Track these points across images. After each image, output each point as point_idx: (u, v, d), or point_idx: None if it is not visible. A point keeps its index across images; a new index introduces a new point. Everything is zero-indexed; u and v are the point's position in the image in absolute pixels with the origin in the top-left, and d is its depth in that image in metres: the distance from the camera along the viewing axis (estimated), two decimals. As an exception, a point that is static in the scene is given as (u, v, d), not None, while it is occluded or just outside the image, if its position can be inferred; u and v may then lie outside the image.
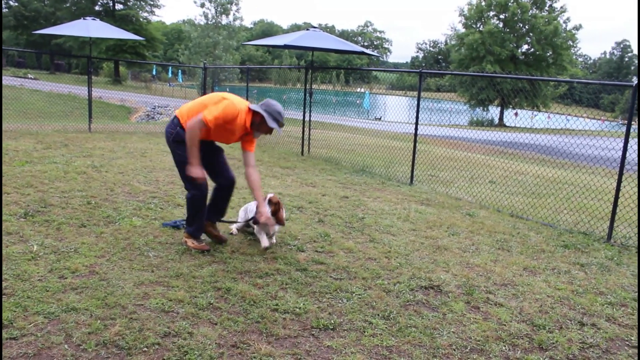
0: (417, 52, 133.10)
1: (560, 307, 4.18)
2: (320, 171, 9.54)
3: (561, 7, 48.61)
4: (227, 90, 10.58)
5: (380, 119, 39.31)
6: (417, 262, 4.93)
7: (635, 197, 7.28)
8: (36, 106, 19.33)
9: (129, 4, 57.80)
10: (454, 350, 3.37)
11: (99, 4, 57.37)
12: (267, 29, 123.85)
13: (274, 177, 8.61)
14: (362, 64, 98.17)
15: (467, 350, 3.38)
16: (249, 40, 68.85)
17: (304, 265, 4.64)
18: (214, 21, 47.57)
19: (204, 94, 15.02)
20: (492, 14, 49.23)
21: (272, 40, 13.79)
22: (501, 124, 44.15)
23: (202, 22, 47.83)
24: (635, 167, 7.27)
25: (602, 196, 8.15)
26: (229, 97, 4.57)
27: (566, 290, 4.55)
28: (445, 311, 3.94)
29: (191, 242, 4.82)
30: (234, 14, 48.45)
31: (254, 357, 3.11)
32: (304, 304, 3.85)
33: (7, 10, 59.82)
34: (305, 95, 11.85)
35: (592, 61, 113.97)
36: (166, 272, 4.25)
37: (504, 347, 3.45)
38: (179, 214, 5.84)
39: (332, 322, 3.62)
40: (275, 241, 5.13)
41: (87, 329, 3.22)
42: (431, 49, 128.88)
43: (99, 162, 8.52)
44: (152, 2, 58.89)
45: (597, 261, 5.42)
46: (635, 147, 6.20)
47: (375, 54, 15.71)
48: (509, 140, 22.05)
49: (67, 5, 58.22)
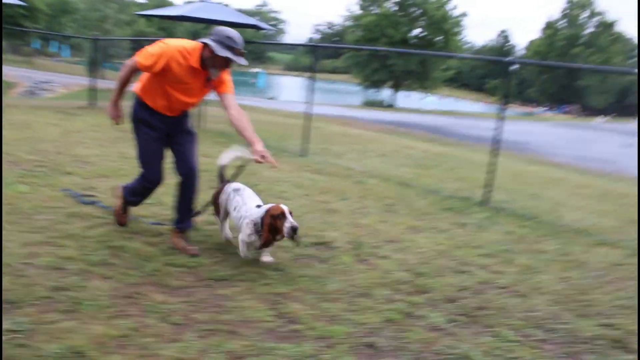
0: (314, 33, 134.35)
1: (440, 259, 4.62)
2: (214, 143, 9.50)
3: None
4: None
5: (273, 98, 39.41)
6: (309, 223, 5.16)
7: (507, 168, 8.09)
8: None
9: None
10: (342, 295, 3.63)
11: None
12: (161, 4, 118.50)
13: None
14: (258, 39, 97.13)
15: (354, 294, 3.66)
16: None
17: (198, 226, 4.68)
18: (103, -7, 44.82)
19: (93, 71, 14.21)
20: (387, -4, 50.98)
21: (166, 10, 13.48)
22: (393, 106, 46.10)
23: (90, -7, 44.87)
24: (504, 145, 8.13)
25: (480, 168, 8.93)
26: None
27: (446, 245, 5.02)
28: (334, 263, 4.21)
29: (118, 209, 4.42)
30: (126, -13, 45.94)
31: (149, 306, 3.16)
32: (198, 259, 3.94)
33: None
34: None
35: (476, 48, 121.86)
36: (56, 234, 4.11)
37: (388, 292, 3.77)
38: (68, 182, 5.64)
39: (225, 274, 3.75)
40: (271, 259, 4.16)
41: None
42: (328, 29, 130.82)
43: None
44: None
45: (474, 221, 6.00)
46: (510, 127, 7.08)
47: (269, 27, 15.82)
48: (400, 120, 23.21)
49: None
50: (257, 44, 25.45)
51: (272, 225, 3.75)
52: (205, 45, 3.72)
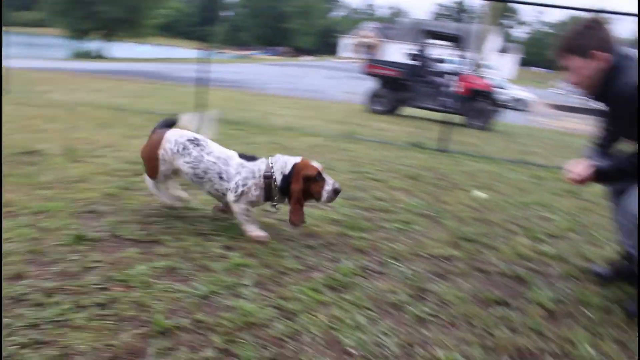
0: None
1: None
2: None
3: None
4: None
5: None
6: (15, 137, 4.96)
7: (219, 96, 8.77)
8: None
9: None
10: (58, 183, 3.69)
11: None
12: None
13: None
14: None
15: (70, 182, 3.74)
16: None
17: None
18: None
19: None
20: None
21: None
22: (103, 57, 43.51)
23: None
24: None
25: (192, 95, 9.47)
26: None
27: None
28: (47, 164, 4.21)
29: None
30: None
31: None
32: None
33: None
34: None
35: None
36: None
37: (106, 177, 3.97)
38: None
39: None
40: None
41: None
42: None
43: None
44: None
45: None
46: (224, 68, 7.77)
47: None
48: (112, 68, 22.25)
49: None
50: None
51: (307, 191, 2.97)
52: None
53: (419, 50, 13.76)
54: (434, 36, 14.27)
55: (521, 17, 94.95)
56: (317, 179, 2.94)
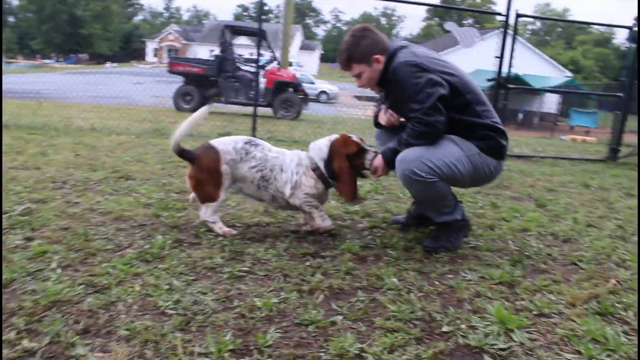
0: None
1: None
2: None
3: None
4: None
5: None
6: None
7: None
8: None
9: None
10: None
11: None
12: None
13: None
14: None
15: None
16: None
17: None
18: None
19: None
20: None
21: None
22: None
23: None
24: None
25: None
26: None
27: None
28: None
29: None
30: None
31: None
32: None
33: None
34: None
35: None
36: None
37: None
38: None
39: None
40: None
41: None
42: None
43: None
44: None
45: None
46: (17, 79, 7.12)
47: None
48: None
49: None
50: None
51: (353, 167, 2.90)
52: None
53: (223, 46, 13.90)
54: (237, 33, 14.51)
55: (321, 16, 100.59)
56: (359, 154, 2.89)
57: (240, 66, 14.53)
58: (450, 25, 8.49)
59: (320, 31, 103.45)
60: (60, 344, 1.67)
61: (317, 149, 2.93)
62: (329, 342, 1.79)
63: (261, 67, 12.91)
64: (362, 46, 2.78)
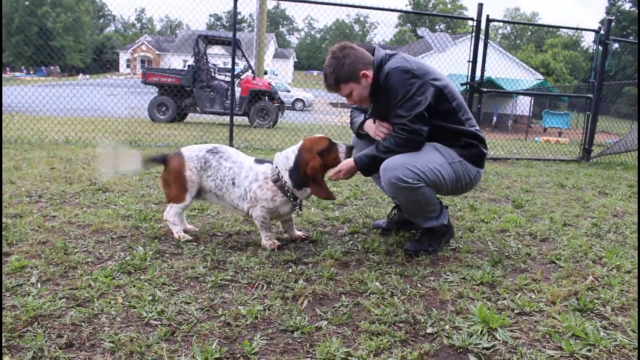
0: None
1: None
2: None
3: None
4: None
5: None
6: None
7: None
8: None
9: None
10: None
11: None
12: None
13: None
14: None
15: None
16: None
17: None
18: None
19: None
20: None
21: None
22: None
23: None
24: None
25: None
26: None
27: None
28: None
29: None
30: None
31: None
32: None
33: None
34: None
35: None
36: None
37: None
38: None
39: None
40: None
41: None
42: None
43: None
44: None
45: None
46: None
47: None
48: None
49: None
50: None
51: (326, 164, 2.89)
52: None
53: (197, 56, 13.86)
54: (211, 42, 14.48)
55: (295, 24, 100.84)
56: (330, 148, 2.87)
57: (215, 75, 14.50)
58: (423, 31, 8.60)
59: (293, 39, 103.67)
60: (43, 359, 1.65)
61: (282, 157, 2.86)
62: (314, 348, 1.80)
63: (236, 76, 12.90)
64: (347, 65, 2.76)
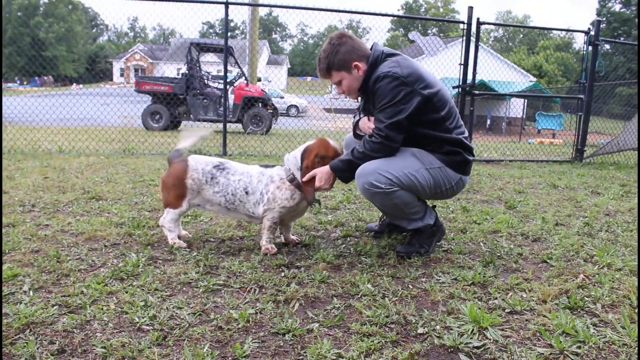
0: None
1: None
2: None
3: None
4: None
5: None
6: None
7: None
8: None
9: None
10: None
11: None
12: None
13: None
14: None
15: None
16: None
17: None
18: None
19: None
20: None
21: None
22: None
23: None
24: None
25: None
26: None
27: None
28: None
29: None
30: None
31: None
32: None
33: None
34: None
35: None
36: None
37: None
38: None
39: None
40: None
41: None
42: None
43: None
44: None
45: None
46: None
47: None
48: None
49: None
50: None
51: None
52: None
53: (190, 64, 13.89)
54: (204, 50, 14.51)
55: (288, 31, 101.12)
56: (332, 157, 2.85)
57: (208, 83, 14.52)
58: (414, 34, 8.65)
59: (286, 46, 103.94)
60: (35, 366, 1.66)
61: (292, 158, 2.89)
62: (306, 350, 1.81)
63: (229, 83, 12.93)
64: (342, 53, 2.79)
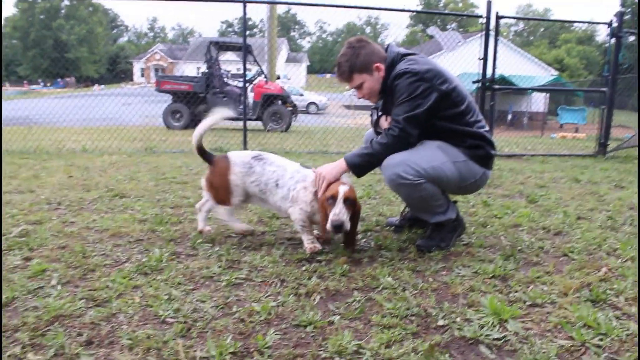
0: None
1: None
2: None
3: None
4: None
5: None
6: None
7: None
8: None
9: None
10: None
11: None
12: None
13: None
14: None
15: None
16: None
17: None
18: None
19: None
20: None
21: None
22: None
23: None
24: None
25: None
26: None
27: None
28: None
29: None
30: None
31: None
32: None
33: None
34: None
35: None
36: None
37: None
38: None
39: None
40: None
41: None
42: None
43: None
44: None
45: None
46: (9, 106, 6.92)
47: None
48: None
49: None
50: None
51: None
52: None
53: (210, 63, 13.99)
54: (223, 48, 14.61)
55: (306, 28, 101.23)
56: (329, 202, 2.66)
57: (227, 81, 14.62)
58: (432, 29, 8.62)
59: (305, 43, 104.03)
60: (64, 356, 1.71)
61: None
62: (327, 341, 1.83)
63: (249, 81, 13.00)
64: (363, 56, 2.82)
